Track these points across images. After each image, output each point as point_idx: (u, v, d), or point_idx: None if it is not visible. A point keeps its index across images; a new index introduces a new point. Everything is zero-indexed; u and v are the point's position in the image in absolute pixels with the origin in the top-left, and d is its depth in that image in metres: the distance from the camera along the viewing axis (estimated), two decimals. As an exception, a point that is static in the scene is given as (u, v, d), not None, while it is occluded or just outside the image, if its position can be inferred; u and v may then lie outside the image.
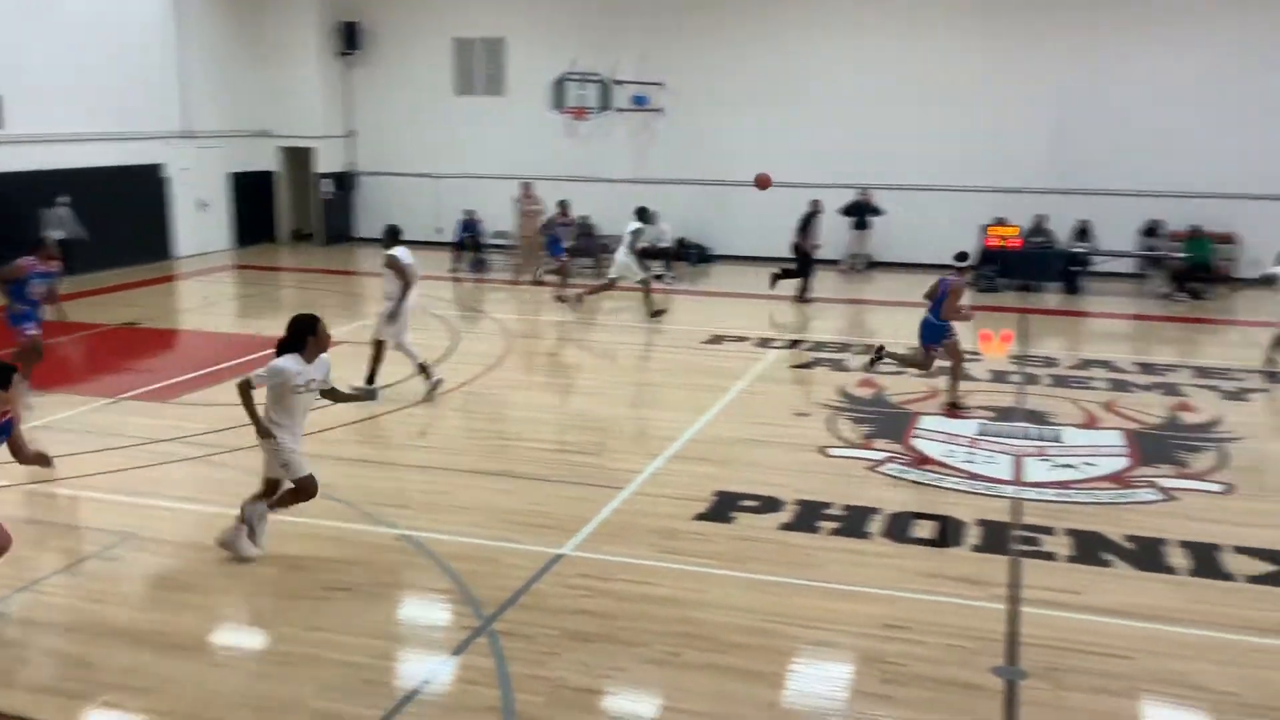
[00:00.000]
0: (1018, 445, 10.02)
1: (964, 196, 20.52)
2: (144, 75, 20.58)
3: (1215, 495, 8.77)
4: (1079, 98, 19.97)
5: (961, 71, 20.51)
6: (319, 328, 7.06)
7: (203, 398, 11.24)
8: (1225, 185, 18.99)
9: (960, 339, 11.59)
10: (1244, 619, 6.54)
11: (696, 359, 13.65)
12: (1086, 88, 19.91)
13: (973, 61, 20.48)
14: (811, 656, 6.10)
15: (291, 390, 6.95)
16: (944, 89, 20.61)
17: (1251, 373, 13.05)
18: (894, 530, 7.87)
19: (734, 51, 21.77)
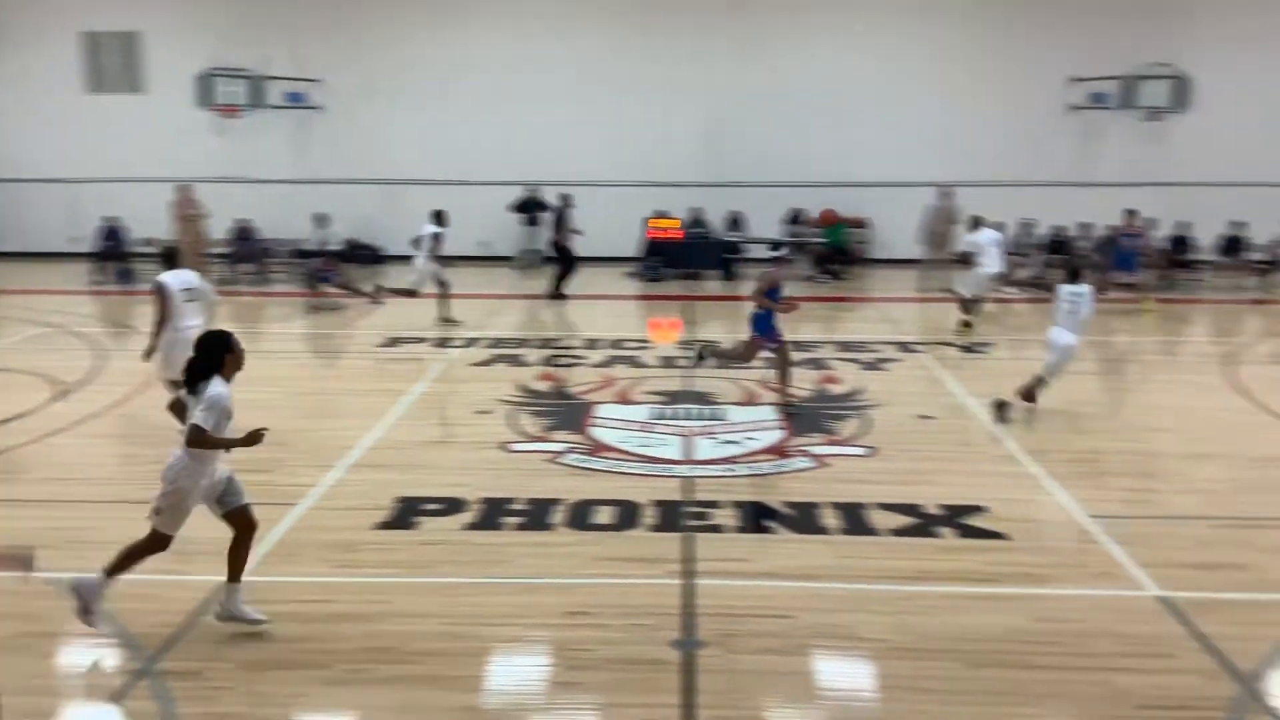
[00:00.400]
0: (687, 426, 10.52)
1: (627, 191, 21.28)
2: None
3: (860, 458, 9.61)
4: (726, 96, 21.25)
5: (617, 70, 21.25)
6: (235, 343, 6.29)
7: None
8: (856, 174, 20.83)
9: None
10: (889, 569, 7.20)
11: (376, 363, 13.31)
12: (733, 86, 21.22)
13: (627, 60, 21.28)
14: (501, 654, 6.11)
15: (228, 416, 6.16)
16: (600, 86, 21.28)
17: (889, 344, 14.41)
18: (576, 519, 8.03)
19: (394, 47, 21.41)
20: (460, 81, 21.35)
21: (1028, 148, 21.00)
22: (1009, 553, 7.47)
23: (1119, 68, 20.46)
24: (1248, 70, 20.39)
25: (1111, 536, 7.68)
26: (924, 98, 20.95)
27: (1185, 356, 14.97)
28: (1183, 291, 19.01)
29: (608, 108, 21.33)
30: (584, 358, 13.56)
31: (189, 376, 6.22)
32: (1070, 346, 10.70)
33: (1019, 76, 20.85)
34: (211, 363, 6.17)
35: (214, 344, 6.25)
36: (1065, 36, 20.74)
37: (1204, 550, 7.52)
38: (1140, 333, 15.94)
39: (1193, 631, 6.27)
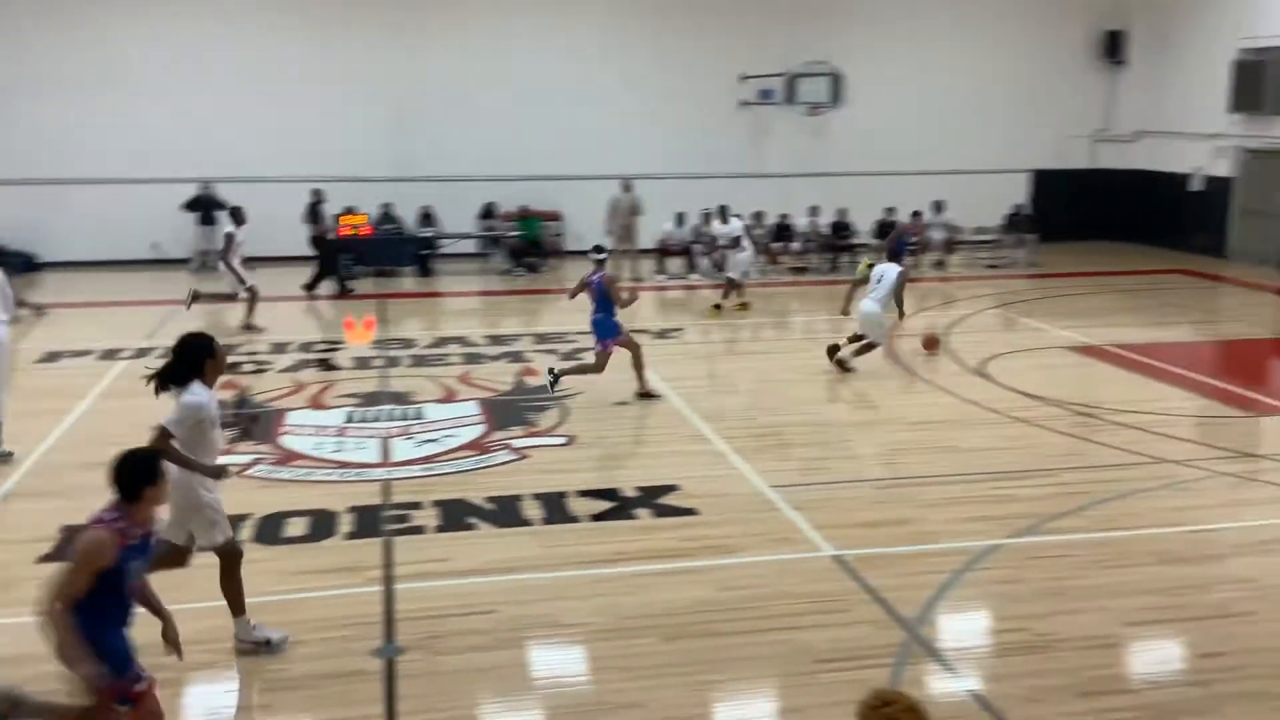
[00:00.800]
0: (384, 428, 10.29)
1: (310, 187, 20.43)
2: None
3: (560, 448, 9.77)
4: (413, 89, 20.87)
5: (295, 60, 20.37)
6: (216, 347, 5.64)
7: None
8: (548, 168, 21.06)
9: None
10: (589, 554, 7.38)
11: (28, 381, 12.06)
12: (418, 79, 20.86)
13: (305, 50, 20.43)
14: (188, 684, 5.74)
15: (211, 424, 5.72)
16: (278, 78, 20.32)
17: (586, 333, 14.69)
18: (265, 534, 7.67)
19: (48, 37, 19.45)
20: (120, 73, 19.70)
21: (705, 142, 22.02)
22: (699, 527, 7.84)
23: (782, 65, 21.84)
24: (892, 69, 22.36)
25: (790, 504, 8.24)
26: (610, 93, 21.48)
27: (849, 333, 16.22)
28: (845, 273, 20.61)
29: (287, 100, 20.37)
30: (271, 363, 12.96)
31: (164, 379, 5.79)
32: (871, 314, 12.16)
33: (696, 74, 21.80)
34: (191, 367, 5.75)
35: (195, 347, 5.81)
36: (736, 36, 21.87)
37: (870, 509, 8.22)
38: (814, 312, 17.14)
39: (863, 585, 6.84)
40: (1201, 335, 15.53)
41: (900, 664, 5.90)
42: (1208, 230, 21.59)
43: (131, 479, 4.52)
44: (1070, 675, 5.80)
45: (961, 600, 6.74)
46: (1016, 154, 23.20)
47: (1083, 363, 13.16)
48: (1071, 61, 23.41)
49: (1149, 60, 22.92)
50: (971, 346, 13.75)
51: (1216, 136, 21.20)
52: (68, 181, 19.66)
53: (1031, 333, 14.67)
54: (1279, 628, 6.33)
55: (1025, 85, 22.96)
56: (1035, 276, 19.85)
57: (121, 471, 4.55)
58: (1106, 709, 5.47)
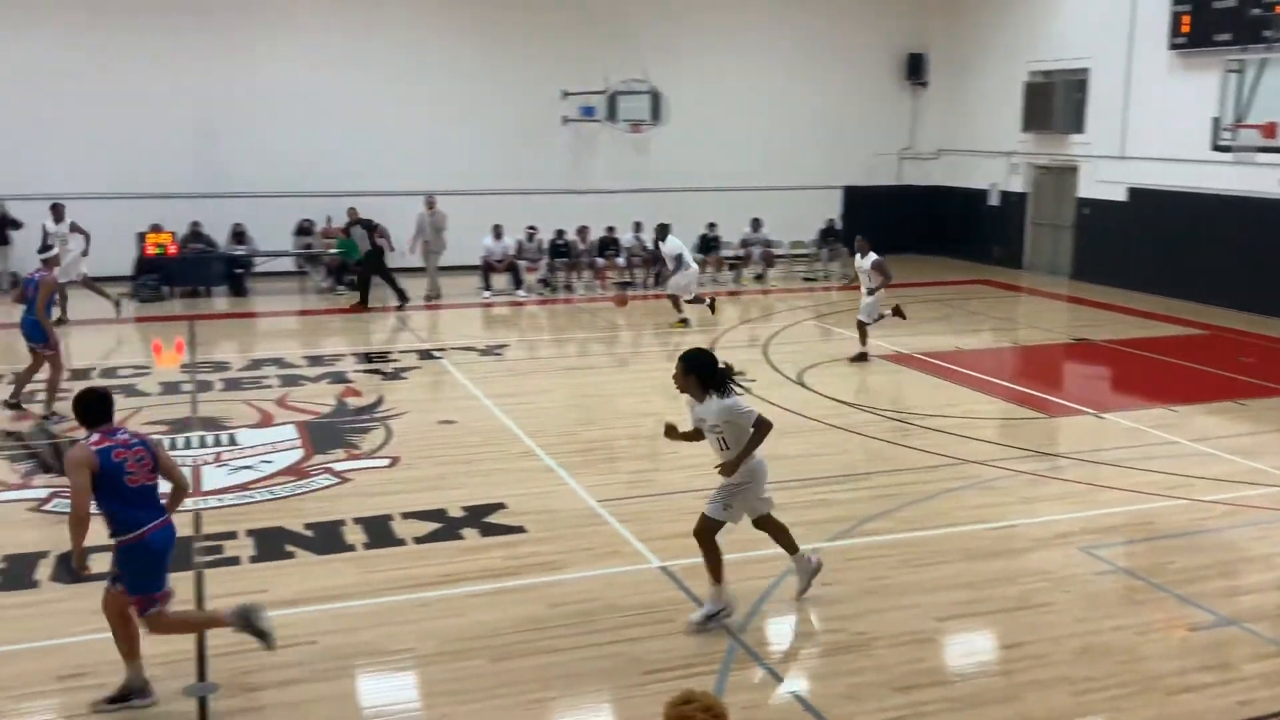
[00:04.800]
0: (195, 456, 9.83)
1: (114, 204, 19.38)
2: None
3: (383, 469, 9.55)
4: (220, 103, 20.09)
5: (91, 71, 19.31)
6: None
7: None
8: (366, 184, 20.60)
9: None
10: (414, 577, 7.23)
11: None
12: (225, 93, 20.10)
13: (101, 61, 19.39)
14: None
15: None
16: (74, 89, 19.23)
17: (409, 352, 14.45)
18: (65, 572, 7.20)
19: None
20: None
21: (527, 157, 22.01)
22: (527, 544, 7.80)
23: (603, 83, 22.06)
24: (711, 87, 22.90)
25: (617, 517, 8.29)
26: (431, 107, 21.21)
27: (676, 346, 16.46)
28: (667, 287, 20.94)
29: (83, 113, 19.30)
30: (67, 391, 12.17)
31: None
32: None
33: (518, 90, 21.75)
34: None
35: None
36: (558, 53, 21.94)
37: (694, 520, 8.32)
38: (640, 327, 17.33)
39: (689, 595, 6.93)
40: (1001, 342, 16.48)
41: (725, 670, 6.02)
42: (1004, 243, 22.97)
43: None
44: (886, 671, 6.03)
45: (782, 604, 6.92)
46: (829, 171, 24.12)
47: (894, 370, 13.76)
48: (878, 83, 24.53)
49: (948, 82, 24.25)
50: (790, 356, 14.19)
51: (1011, 154, 22.59)
52: None
53: (846, 342, 15.24)
54: (1075, 616, 6.75)
55: (837, 105, 23.91)
56: (848, 289, 20.64)
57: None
58: (920, 701, 5.71)
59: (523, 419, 11.09)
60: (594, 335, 16.68)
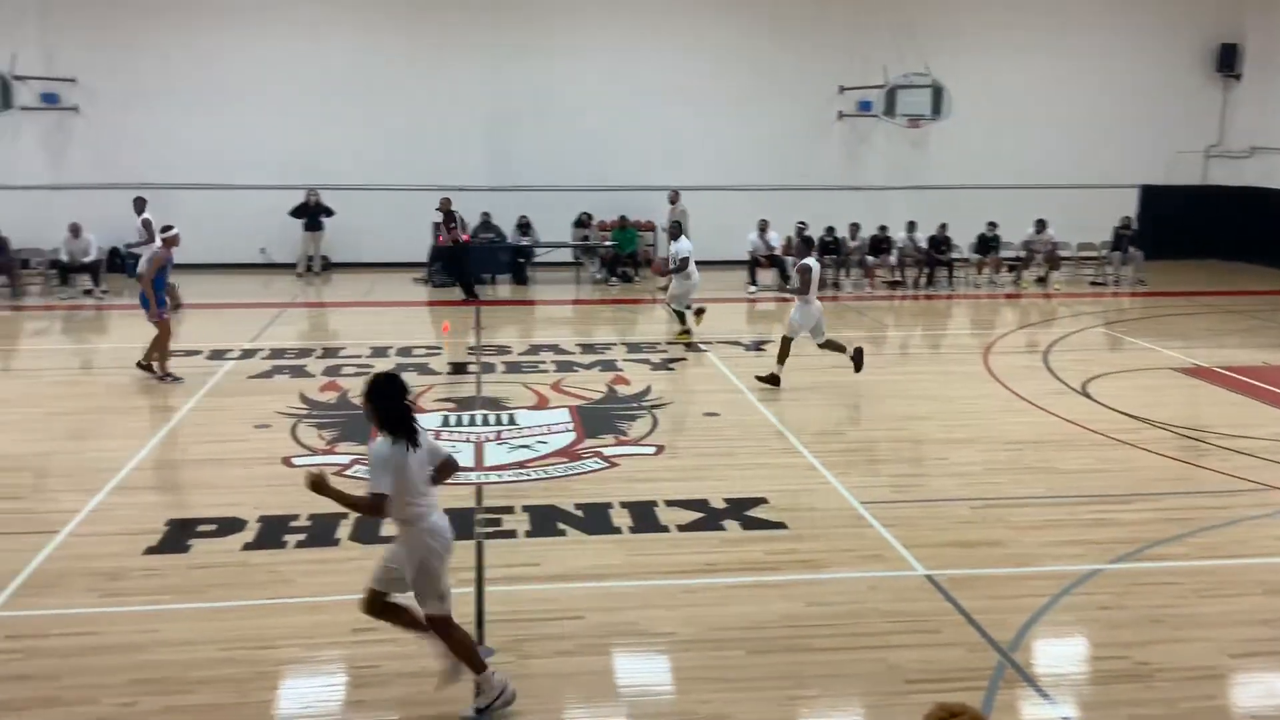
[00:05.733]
0: (478, 433, 10.44)
1: (413, 195, 20.88)
2: None
3: (649, 457, 9.79)
4: (512, 99, 21.18)
5: (401, 72, 20.85)
6: None
7: None
8: (644, 179, 21.17)
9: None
10: (677, 564, 7.37)
11: (139, 380, 12.55)
12: (519, 90, 21.17)
13: (411, 62, 20.89)
14: (283, 677, 5.90)
15: None
16: (384, 89, 20.82)
17: (674, 344, 14.73)
18: (362, 533, 7.84)
19: (158, 45, 20.26)
20: (229, 81, 20.40)
21: (801, 153, 21.93)
22: (788, 541, 7.78)
23: (882, 77, 21.64)
24: (995, 81, 21.97)
25: (881, 521, 8.13)
26: (707, 103, 21.54)
27: (945, 348, 15.96)
28: (942, 288, 20.29)
29: (389, 109, 20.87)
30: (371, 366, 13.23)
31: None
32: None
33: (794, 85, 21.74)
34: None
35: None
36: (834, 47, 21.76)
37: (964, 529, 8.06)
38: (910, 327, 16.90)
39: (956, 606, 6.70)
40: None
41: (993, 688, 5.78)
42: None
43: None
44: (1172, 707, 5.61)
45: (1058, 625, 6.56)
46: (1124, 169, 22.62)
47: (1190, 384, 12.74)
48: (1183, 74, 22.75)
49: (1265, 74, 22.13)
50: (1074, 365, 13.41)
51: (1337, 153, 20.39)
52: (180, 187, 20.37)
53: (1137, 352, 14.24)
54: (1398, 667, 6.04)
55: (1134, 98, 22.37)
56: (1142, 295, 19.28)
57: None
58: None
59: (785, 415, 11.07)
60: (862, 334, 16.39)
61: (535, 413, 11.24)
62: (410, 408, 5.40)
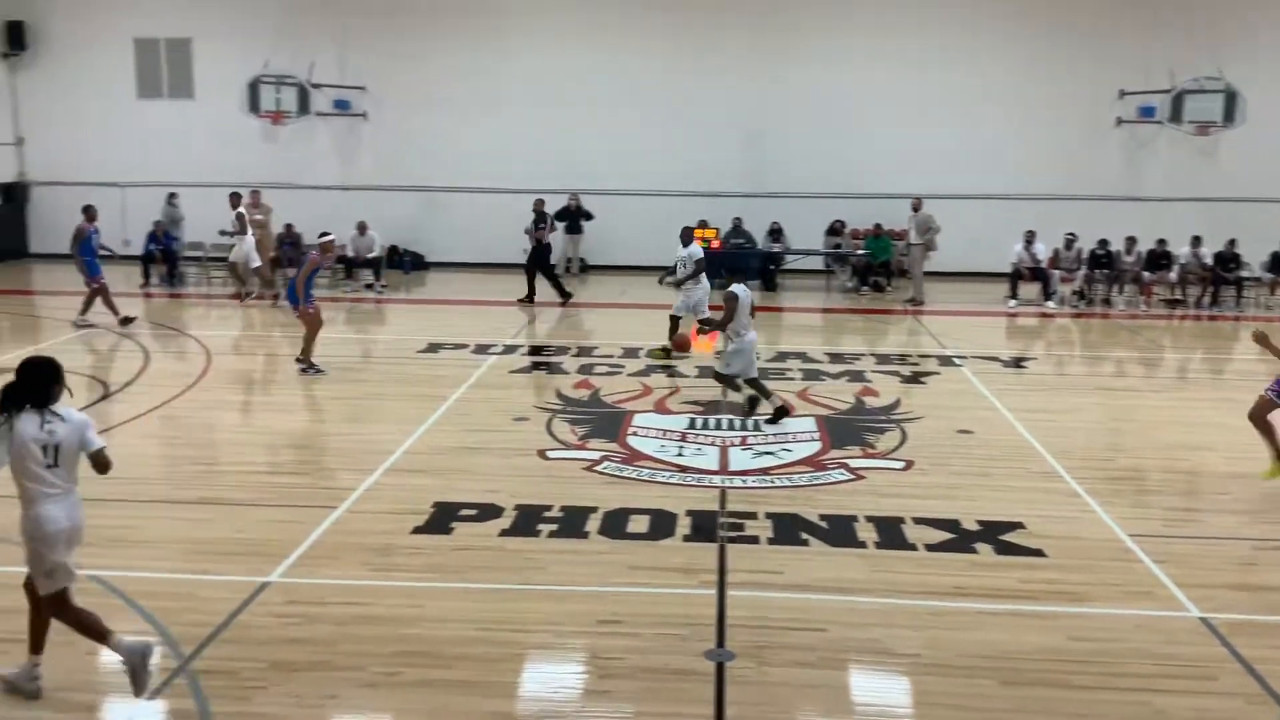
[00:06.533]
0: (723, 437, 10.50)
1: (668, 200, 21.30)
2: None
3: (897, 472, 9.54)
4: (769, 107, 21.23)
5: (661, 80, 21.30)
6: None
7: None
8: (901, 186, 20.67)
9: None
10: (924, 584, 7.14)
11: (412, 369, 13.41)
12: (775, 97, 21.19)
13: (672, 70, 21.31)
14: (531, 660, 6.13)
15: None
16: (645, 96, 21.33)
17: (925, 357, 14.30)
18: (610, 527, 8.04)
19: (438, 54, 21.60)
20: (502, 90, 21.50)
21: (1075, 161, 20.80)
22: (1046, 570, 7.38)
23: (1168, 81, 20.21)
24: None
25: (1151, 555, 7.57)
26: (970, 109, 20.82)
27: (1229, 374, 14.72)
28: (1228, 308, 18.71)
29: (648, 117, 21.37)
30: (622, 367, 13.58)
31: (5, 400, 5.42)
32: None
33: (1066, 89, 20.67)
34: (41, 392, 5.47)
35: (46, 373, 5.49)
36: (1113, 49, 20.53)
37: (1246, 571, 7.40)
38: (1189, 350, 15.70)
39: (1234, 654, 6.16)
40: None
41: (1276, 747, 5.27)
42: None
43: None
44: None
45: (1358, 685, 5.90)
46: None
47: None
48: None
49: None
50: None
51: None
52: (448, 189, 21.62)
53: None
54: None
55: None
56: None
57: None
58: None
59: (1046, 437, 10.51)
60: (1134, 355, 15.38)
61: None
62: (49, 394, 5.38)
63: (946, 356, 14.44)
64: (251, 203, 19.19)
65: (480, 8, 21.47)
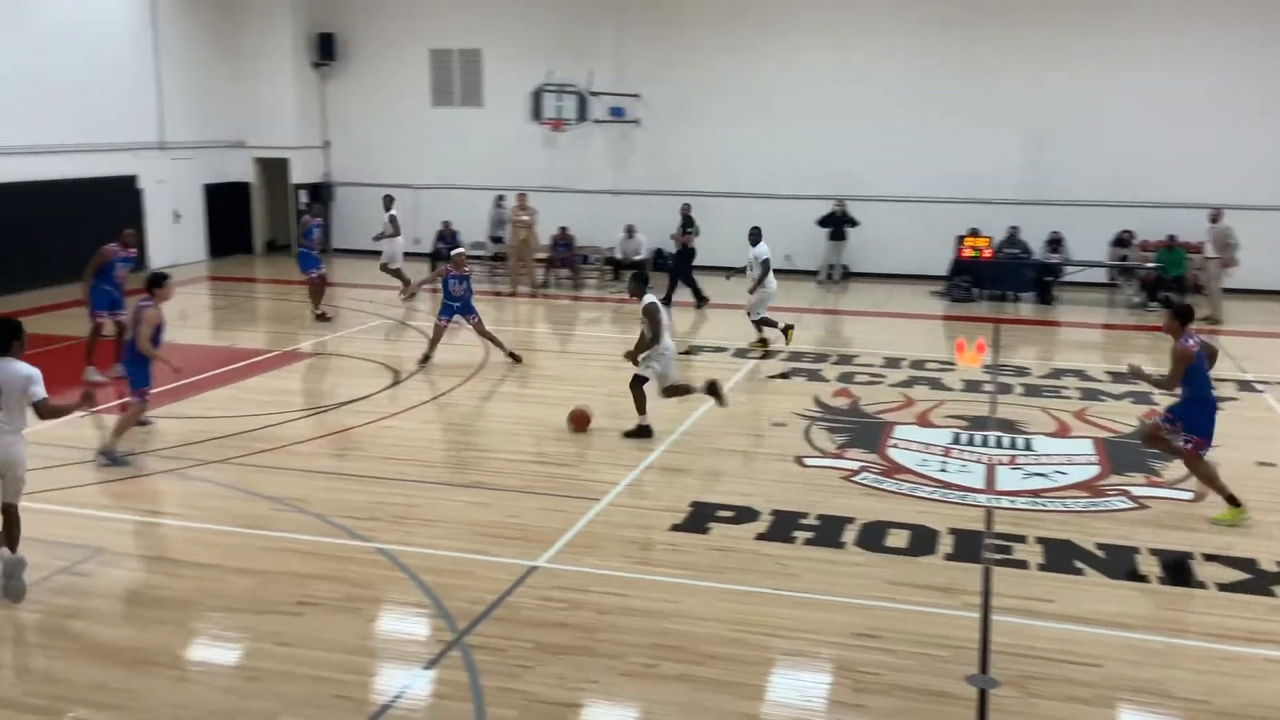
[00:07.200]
0: (990, 454, 10.08)
1: (938, 208, 20.67)
2: (119, 86, 20.45)
3: (1185, 503, 8.84)
4: (1052, 109, 20.16)
5: (935, 83, 20.68)
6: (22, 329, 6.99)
7: (174, 411, 11.15)
8: (1198, 195, 19.13)
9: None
10: (1215, 626, 6.59)
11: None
12: (1060, 99, 20.10)
13: (946, 73, 20.64)
14: (785, 666, 6.11)
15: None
16: (917, 100, 20.77)
17: (1222, 381, 13.16)
18: (868, 539, 7.90)
19: (708, 63, 21.87)
20: (768, 96, 21.49)
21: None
22: (1362, 623, 6.64)
23: None
24: None
25: None
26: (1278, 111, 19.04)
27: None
28: None
29: (920, 121, 20.78)
30: (883, 376, 13.28)
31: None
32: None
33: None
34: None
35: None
36: None
37: None
38: None
39: None
40: None
41: None
42: None
43: None
44: None
45: None
46: None
47: None
48: None
49: None
50: None
51: None
52: (714, 195, 21.84)
53: None
54: None
55: None
56: None
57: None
58: None
59: (1364, 475, 9.44)
60: None
61: (1054, 440, 10.61)
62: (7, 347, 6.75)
63: (1246, 381, 13.25)
64: (518, 205, 20.11)
65: (751, 13, 21.58)
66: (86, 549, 7.53)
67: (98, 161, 19.93)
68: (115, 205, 20.28)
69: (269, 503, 8.52)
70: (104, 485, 8.97)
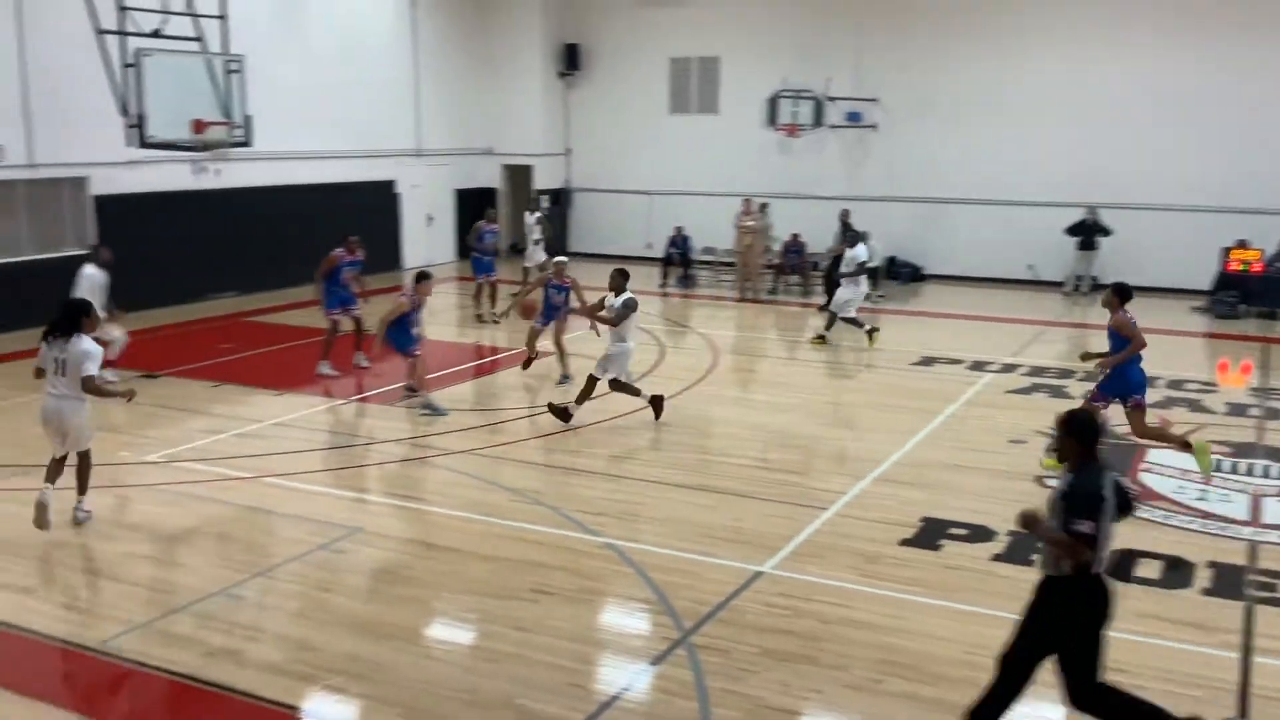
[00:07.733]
0: (1257, 484, 9.30)
1: (1200, 216, 19.28)
2: (383, 97, 21.91)
3: None
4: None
5: (1199, 84, 19.28)
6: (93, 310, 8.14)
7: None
8: None
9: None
10: None
11: (905, 380, 13.33)
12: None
13: (1213, 74, 19.20)
14: (957, 687, 5.83)
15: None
16: (1180, 103, 19.44)
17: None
18: (1117, 569, 7.42)
19: (948, 66, 21.22)
20: (1011, 99, 20.61)
21: None
22: None
23: None
24: None
25: None
26: None
27: None
28: None
29: (1178, 123, 19.41)
30: (1134, 396, 12.47)
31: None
32: None
33: None
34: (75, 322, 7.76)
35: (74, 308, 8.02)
36: None
37: None
38: None
39: None
40: None
41: None
42: None
43: None
44: None
45: None
46: None
47: None
48: None
49: None
50: None
51: None
52: (951, 201, 21.16)
53: None
54: None
55: None
56: None
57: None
58: None
59: None
60: None
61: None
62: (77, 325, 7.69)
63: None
64: (744, 210, 20.14)
65: (994, 15, 20.78)
66: (345, 528, 8.10)
67: (361, 167, 21.43)
68: (376, 208, 21.75)
69: (507, 493, 8.91)
70: (361, 470, 9.62)
